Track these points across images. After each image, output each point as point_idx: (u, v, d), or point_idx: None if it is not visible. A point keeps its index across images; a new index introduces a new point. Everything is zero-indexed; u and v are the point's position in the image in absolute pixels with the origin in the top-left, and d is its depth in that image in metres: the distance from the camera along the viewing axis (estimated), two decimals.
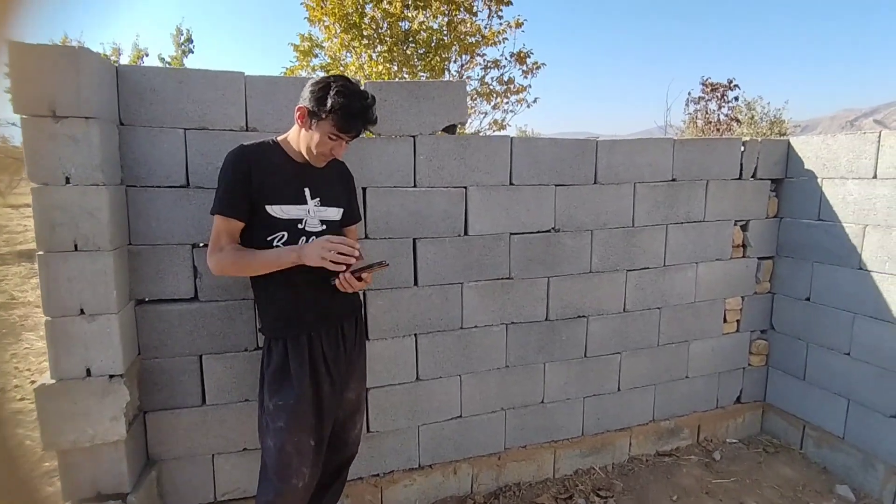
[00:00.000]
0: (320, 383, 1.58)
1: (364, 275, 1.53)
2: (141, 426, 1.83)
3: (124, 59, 11.10)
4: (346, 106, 1.43)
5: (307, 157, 1.55)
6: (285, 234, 1.54)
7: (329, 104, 1.43)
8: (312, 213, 1.58)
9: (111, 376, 1.61)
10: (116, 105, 1.67)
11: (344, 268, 1.48)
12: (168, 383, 1.86)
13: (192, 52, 11.79)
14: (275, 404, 1.54)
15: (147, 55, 11.36)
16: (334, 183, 1.68)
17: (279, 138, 1.60)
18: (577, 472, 2.53)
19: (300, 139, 1.54)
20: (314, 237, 1.56)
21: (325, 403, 1.59)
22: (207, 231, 1.80)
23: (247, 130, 1.84)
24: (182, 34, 11.54)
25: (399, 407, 2.19)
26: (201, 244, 1.83)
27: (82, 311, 1.56)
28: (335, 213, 1.65)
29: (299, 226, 1.56)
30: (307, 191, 1.58)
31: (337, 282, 1.51)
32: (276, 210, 1.53)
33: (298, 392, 1.53)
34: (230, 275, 1.64)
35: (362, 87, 1.52)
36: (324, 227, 1.60)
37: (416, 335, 2.17)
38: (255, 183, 1.50)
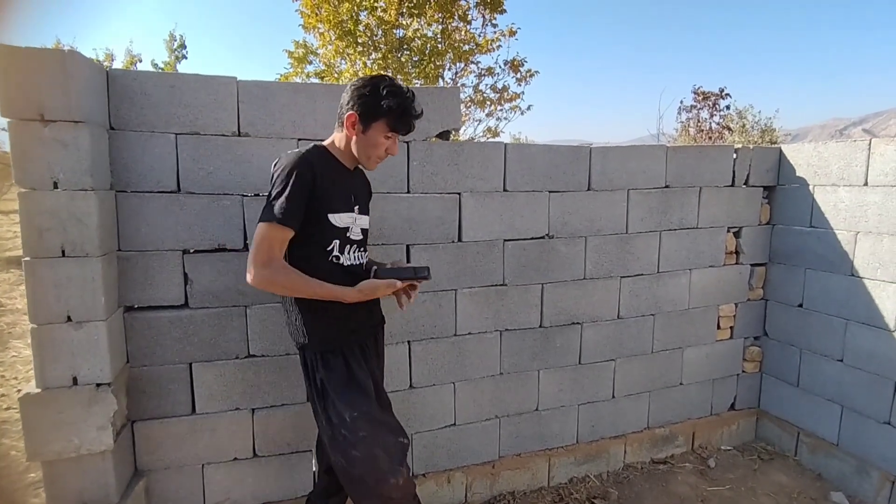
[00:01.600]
0: (377, 388, 1.63)
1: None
2: (129, 436, 1.79)
3: (117, 65, 11.07)
4: (400, 104, 1.46)
5: (363, 162, 1.57)
6: (339, 241, 1.54)
7: (384, 105, 1.45)
8: (356, 221, 1.59)
9: (98, 385, 1.58)
10: (107, 109, 1.65)
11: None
12: (157, 392, 1.83)
13: (186, 58, 11.77)
14: (350, 416, 1.48)
15: (140, 61, 11.33)
16: (364, 190, 1.71)
17: (325, 143, 1.58)
18: (572, 480, 2.51)
19: (353, 145, 1.53)
20: (355, 245, 1.59)
21: (389, 409, 1.67)
22: (198, 237, 1.79)
23: (239, 136, 1.82)
24: (175, 40, 11.52)
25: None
26: (192, 250, 1.81)
27: (69, 318, 1.53)
28: (367, 222, 1.67)
29: (347, 234, 1.56)
30: (353, 198, 1.59)
31: (404, 305, 1.63)
32: (335, 219, 1.51)
33: (370, 398, 1.55)
34: (275, 292, 1.53)
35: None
36: (362, 236, 1.62)
37: (409, 342, 2.15)
38: (318, 191, 1.45)
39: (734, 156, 2.67)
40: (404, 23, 7.59)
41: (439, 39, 7.87)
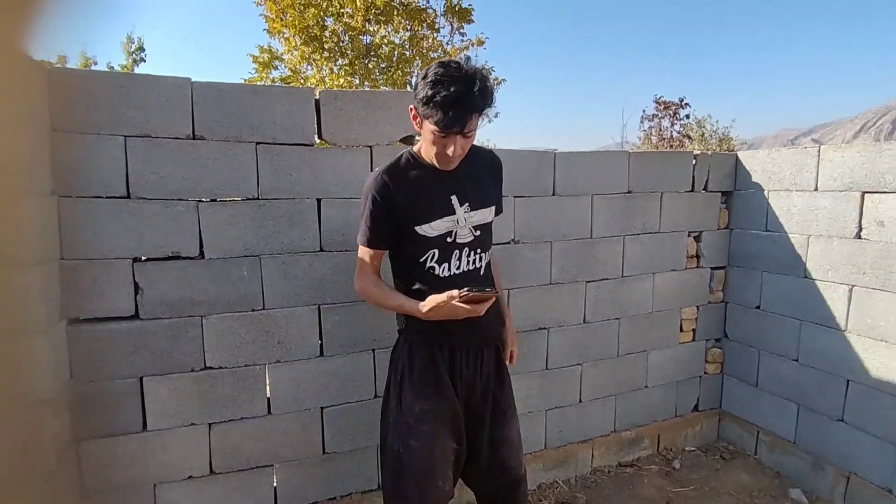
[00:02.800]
0: (458, 398, 1.54)
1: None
2: (74, 456, 1.68)
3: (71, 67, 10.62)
4: (443, 97, 1.23)
5: (434, 163, 1.42)
6: (436, 251, 1.46)
7: (426, 97, 1.26)
8: (463, 221, 1.48)
9: (38, 402, 1.47)
10: (48, 110, 1.56)
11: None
12: (104, 409, 1.72)
13: (144, 62, 11.41)
14: (421, 408, 1.49)
15: (96, 63, 10.92)
16: (482, 178, 1.54)
17: (414, 148, 1.50)
18: (541, 486, 2.50)
19: (423, 144, 1.42)
20: (466, 248, 1.49)
21: (459, 419, 1.55)
22: (149, 244, 1.72)
23: (194, 139, 1.75)
24: (133, 42, 11.17)
25: (357, 425, 2.11)
26: (143, 258, 1.73)
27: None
28: (487, 215, 1.53)
29: (448, 239, 1.47)
30: (454, 199, 1.47)
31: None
32: (425, 229, 1.44)
33: (445, 398, 1.51)
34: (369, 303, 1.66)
35: (462, 68, 1.28)
36: (477, 233, 1.50)
37: (374, 350, 2.10)
38: (400, 207, 1.43)
39: (694, 162, 2.74)
40: (371, 29, 7.56)
41: (407, 47, 7.87)
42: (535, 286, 2.40)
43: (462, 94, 1.24)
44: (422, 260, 1.47)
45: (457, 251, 1.48)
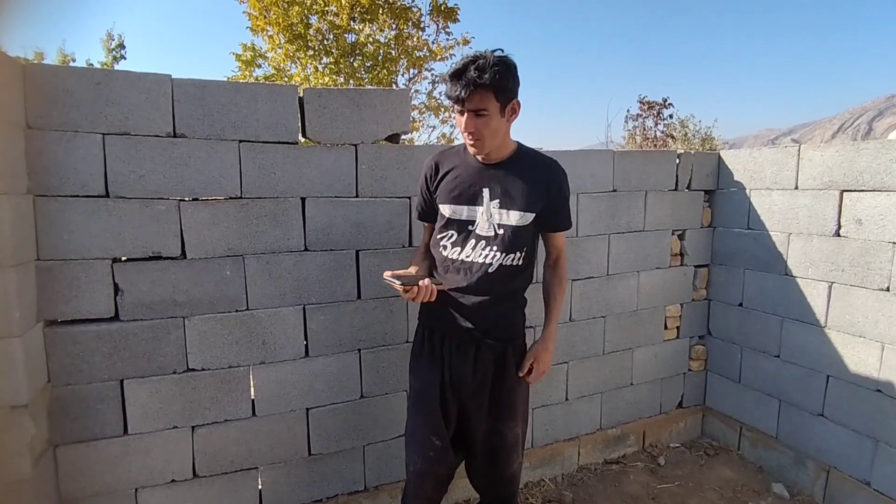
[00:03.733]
0: (444, 384, 1.61)
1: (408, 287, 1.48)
2: (51, 462, 1.64)
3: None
4: (450, 71, 1.41)
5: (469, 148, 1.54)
6: (454, 233, 1.57)
7: (447, 76, 1.43)
8: (487, 215, 1.53)
9: (13, 407, 1.44)
10: (23, 107, 1.52)
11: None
12: (83, 412, 1.69)
13: (125, 59, 11.21)
14: (411, 383, 1.70)
15: (74, 60, 10.71)
16: (530, 184, 1.54)
17: None
18: (528, 484, 2.51)
19: None
20: (483, 241, 1.54)
21: (447, 406, 1.62)
22: (129, 244, 1.68)
23: (174, 136, 1.72)
24: (113, 39, 10.96)
25: (343, 426, 2.09)
26: (123, 258, 1.69)
27: None
28: (517, 218, 1.53)
29: (469, 227, 1.55)
30: (486, 191, 1.53)
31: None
32: (446, 209, 1.57)
33: (425, 379, 1.63)
34: None
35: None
36: (500, 231, 1.53)
37: (359, 350, 2.09)
38: (436, 184, 1.60)
39: (677, 161, 2.76)
40: (356, 28, 7.50)
41: (392, 45, 7.82)
42: None
43: (464, 67, 1.38)
44: (439, 237, 1.60)
45: (473, 241, 1.54)
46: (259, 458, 1.95)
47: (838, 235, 2.32)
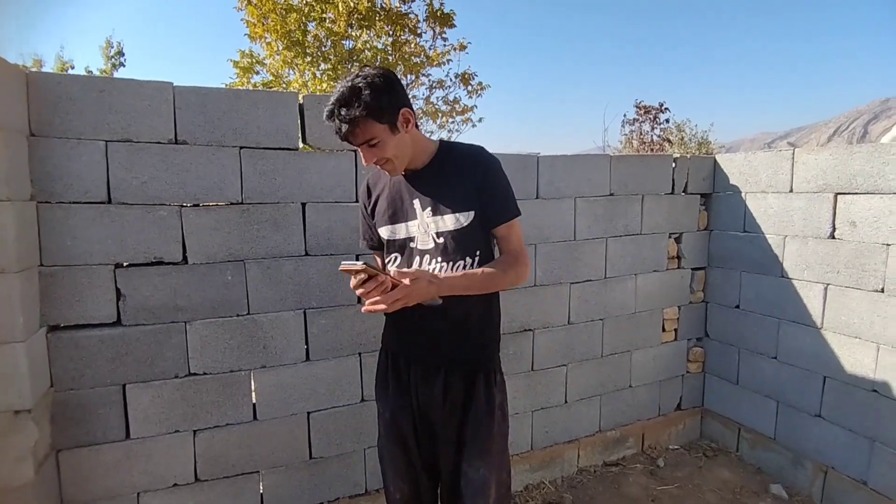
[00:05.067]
0: (412, 411, 1.47)
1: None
2: (53, 466, 1.65)
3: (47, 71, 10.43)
4: (325, 116, 1.29)
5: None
6: (398, 255, 1.45)
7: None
8: (424, 227, 1.39)
9: (17, 412, 1.44)
10: (26, 114, 1.54)
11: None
12: (86, 417, 1.70)
13: (124, 66, 11.26)
14: (379, 411, 1.56)
15: (73, 68, 10.74)
16: (454, 180, 1.39)
17: None
18: (528, 487, 2.52)
19: None
20: (427, 256, 1.40)
21: (418, 435, 1.48)
22: (131, 250, 1.70)
23: (176, 143, 1.74)
24: (112, 47, 11.00)
25: (344, 430, 2.10)
26: (125, 264, 1.71)
27: None
28: (453, 222, 1.37)
29: (411, 244, 1.42)
30: (416, 202, 1.40)
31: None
32: (384, 232, 1.47)
33: (393, 406, 1.50)
34: None
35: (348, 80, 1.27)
36: (440, 240, 1.38)
37: (360, 354, 2.10)
38: (369, 209, 1.52)
39: (673, 165, 2.79)
40: (353, 34, 7.55)
41: (389, 51, 7.87)
42: (520, 288, 2.42)
43: (332, 109, 1.27)
44: (387, 261, 1.49)
45: (417, 258, 1.41)
46: (260, 461, 1.96)
47: (833, 238, 2.34)
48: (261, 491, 1.98)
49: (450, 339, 1.43)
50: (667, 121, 11.08)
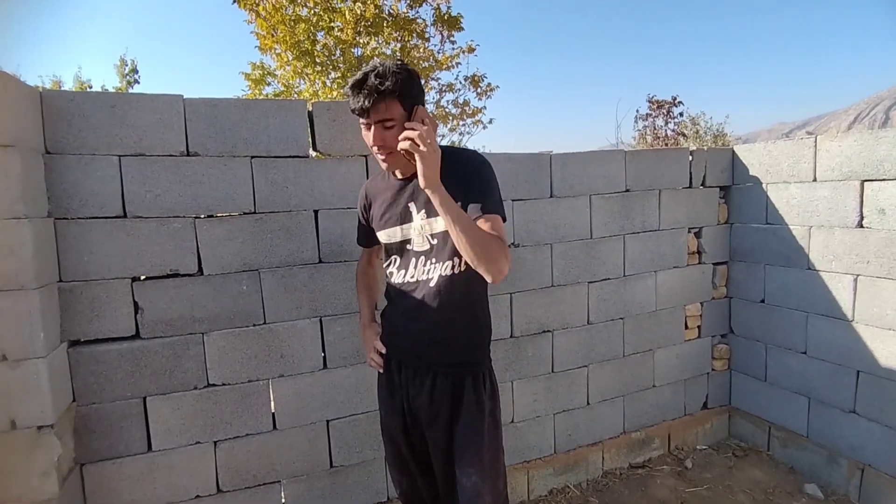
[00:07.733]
0: (403, 413, 1.52)
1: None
2: (77, 480, 1.66)
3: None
4: (350, 82, 1.30)
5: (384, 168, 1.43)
6: (397, 257, 1.50)
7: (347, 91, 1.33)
8: (419, 229, 1.42)
9: (40, 427, 1.46)
10: (41, 132, 1.56)
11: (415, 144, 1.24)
12: (108, 430, 1.71)
13: (138, 83, 11.48)
14: (382, 416, 1.60)
15: (91, 87, 10.99)
16: (447, 185, 1.34)
17: None
18: (552, 491, 2.47)
19: None
20: (422, 257, 1.42)
21: (410, 437, 1.53)
22: (148, 263, 1.70)
23: (188, 155, 1.75)
24: (127, 65, 11.24)
25: (364, 437, 2.08)
26: (142, 277, 1.72)
27: (4, 358, 1.41)
28: (443, 223, 1.36)
29: (408, 247, 1.46)
30: (412, 205, 1.43)
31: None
32: (383, 236, 1.51)
33: (387, 408, 1.56)
34: None
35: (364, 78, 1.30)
36: (434, 241, 1.41)
37: None
38: (368, 215, 1.57)
39: (690, 158, 2.73)
40: (362, 41, 7.59)
41: (398, 57, 7.90)
42: (536, 289, 2.38)
43: (364, 76, 1.29)
44: (386, 266, 1.54)
45: (414, 260, 1.44)
46: (281, 471, 1.96)
47: (861, 226, 2.26)
48: (283, 500, 1.97)
49: (436, 339, 1.44)
50: (680, 114, 10.92)
